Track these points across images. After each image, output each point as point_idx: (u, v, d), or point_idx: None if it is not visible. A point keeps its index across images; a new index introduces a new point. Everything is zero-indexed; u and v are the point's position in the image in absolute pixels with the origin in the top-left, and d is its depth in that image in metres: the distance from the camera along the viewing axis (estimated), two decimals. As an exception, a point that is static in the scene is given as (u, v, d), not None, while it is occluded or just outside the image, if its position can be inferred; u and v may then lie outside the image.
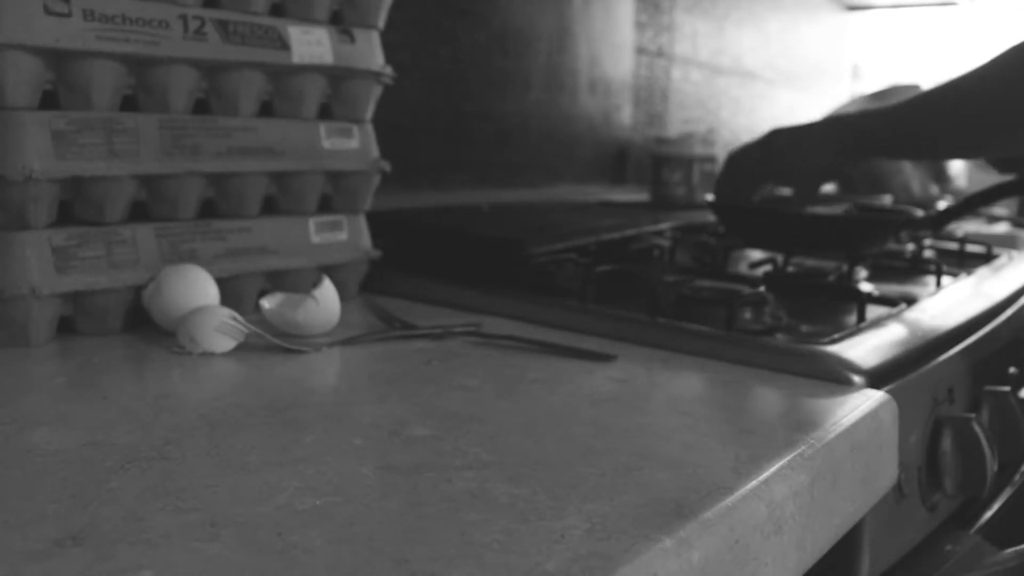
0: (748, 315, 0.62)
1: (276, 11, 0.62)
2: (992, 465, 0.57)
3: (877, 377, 0.51)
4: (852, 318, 0.64)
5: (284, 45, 0.61)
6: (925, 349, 0.58)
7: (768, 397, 0.47)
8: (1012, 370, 0.72)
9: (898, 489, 0.51)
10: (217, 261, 0.59)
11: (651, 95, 1.58)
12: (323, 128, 0.65)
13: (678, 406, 0.45)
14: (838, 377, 0.51)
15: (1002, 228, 1.35)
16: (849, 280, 0.78)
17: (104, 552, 0.28)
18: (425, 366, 0.51)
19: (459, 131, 1.15)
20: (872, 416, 0.46)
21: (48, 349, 0.52)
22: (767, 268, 0.83)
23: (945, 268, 0.83)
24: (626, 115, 1.50)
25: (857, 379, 0.50)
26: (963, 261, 0.97)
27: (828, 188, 1.79)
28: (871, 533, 0.49)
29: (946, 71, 0.87)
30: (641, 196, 1.45)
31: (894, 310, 0.67)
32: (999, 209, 1.46)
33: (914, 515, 0.55)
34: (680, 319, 0.60)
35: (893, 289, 0.77)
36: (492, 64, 1.19)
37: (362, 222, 0.69)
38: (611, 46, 1.44)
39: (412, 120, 1.07)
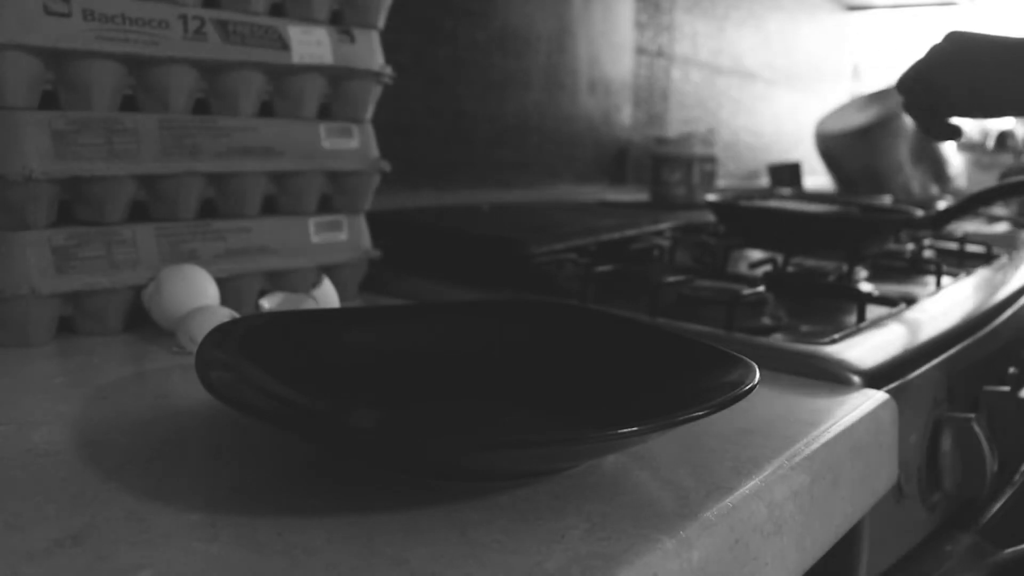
0: (748, 315, 0.62)
1: (276, 11, 0.62)
2: (992, 465, 0.57)
3: (877, 377, 0.51)
4: (852, 318, 0.64)
5: (284, 45, 0.61)
6: (925, 349, 0.58)
7: (768, 397, 0.47)
8: (1012, 370, 0.72)
9: (898, 489, 0.51)
10: (217, 261, 0.59)
11: (651, 95, 1.58)
12: (323, 128, 0.65)
13: (678, 406, 0.45)
14: (838, 377, 0.51)
15: (1002, 228, 1.35)
16: (849, 280, 0.78)
17: (104, 552, 0.28)
18: (425, 366, 0.51)
19: (459, 131, 1.15)
20: (872, 416, 0.46)
21: (48, 349, 0.52)
22: (767, 268, 0.83)
23: (945, 268, 0.83)
24: (626, 115, 1.50)
25: (857, 379, 0.50)
26: (963, 261, 0.97)
27: (826, 187, 1.79)
28: (871, 533, 0.49)
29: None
30: (641, 196, 1.45)
31: (894, 310, 0.67)
32: (999, 209, 1.46)
33: (914, 515, 0.55)
34: (680, 319, 0.60)
35: (893, 289, 0.77)
36: (492, 64, 1.19)
37: (362, 222, 0.69)
38: (611, 46, 1.44)
39: (412, 120, 1.07)
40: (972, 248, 1.02)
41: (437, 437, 0.32)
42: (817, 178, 1.95)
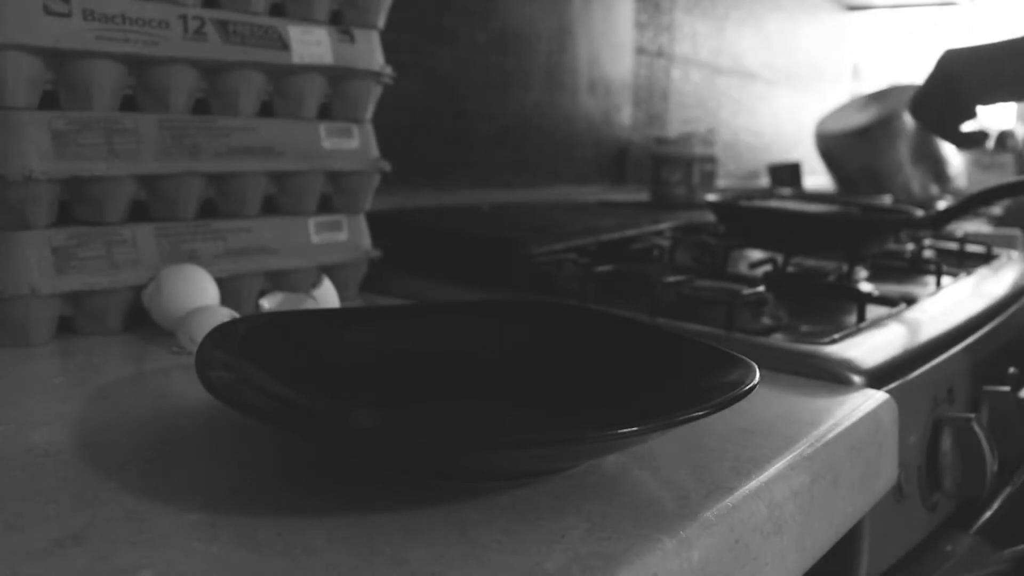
0: (748, 315, 0.62)
1: (276, 11, 0.62)
2: (992, 465, 0.57)
3: (877, 377, 0.51)
4: (852, 318, 0.64)
5: (284, 45, 0.61)
6: (925, 349, 0.58)
7: (768, 397, 0.47)
8: (1012, 370, 0.72)
9: (898, 489, 0.51)
10: (217, 261, 0.59)
11: (651, 95, 1.58)
12: (323, 128, 0.65)
13: (678, 406, 0.45)
14: (838, 377, 0.51)
15: (1002, 228, 1.35)
16: (849, 280, 0.78)
17: (104, 552, 0.28)
18: (425, 366, 0.51)
19: (459, 131, 1.15)
20: (872, 416, 0.46)
21: (48, 349, 0.52)
22: (767, 268, 0.83)
23: (945, 268, 0.83)
24: (626, 115, 1.50)
25: (857, 379, 0.50)
26: (963, 261, 0.97)
27: (826, 187, 1.79)
28: (871, 533, 0.49)
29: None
30: (641, 196, 1.45)
31: (894, 310, 0.67)
32: (999, 209, 1.46)
33: (914, 515, 0.55)
34: (680, 319, 0.60)
35: (893, 289, 0.77)
36: (492, 64, 1.19)
37: (362, 222, 0.69)
38: (611, 46, 1.44)
39: (412, 120, 1.07)
40: (972, 248, 1.02)
41: (437, 437, 0.32)
42: (817, 178, 1.95)
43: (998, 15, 2.26)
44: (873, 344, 0.56)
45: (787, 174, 1.77)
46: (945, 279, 0.81)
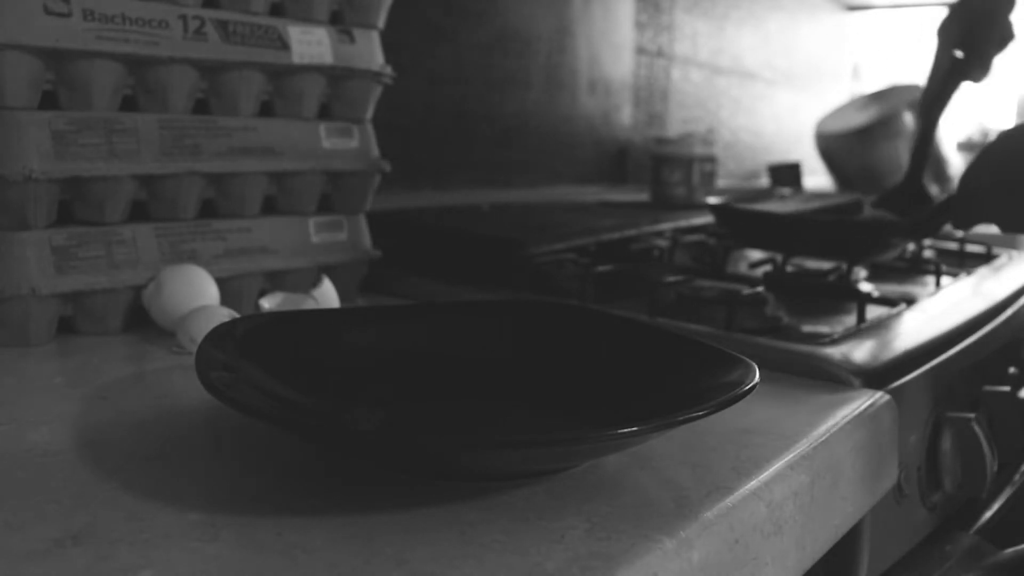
0: (748, 315, 0.62)
1: (276, 11, 0.62)
2: (992, 465, 0.57)
3: (877, 377, 0.51)
4: (852, 318, 0.64)
5: (284, 45, 0.61)
6: (925, 349, 0.58)
7: (768, 397, 0.47)
8: (1012, 370, 0.72)
9: (898, 489, 0.51)
10: (217, 261, 0.59)
11: (651, 95, 1.58)
12: (323, 128, 0.65)
13: (678, 406, 0.45)
14: (838, 377, 0.51)
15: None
16: (849, 280, 0.78)
17: (104, 552, 0.28)
18: (425, 366, 0.51)
19: (459, 131, 1.15)
20: (872, 416, 0.46)
21: (48, 349, 0.52)
22: (767, 268, 0.83)
23: (945, 268, 0.83)
24: (626, 115, 1.50)
25: (857, 379, 0.50)
26: (963, 261, 0.97)
27: (826, 187, 1.79)
28: (871, 533, 0.49)
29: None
30: (641, 196, 1.45)
31: (894, 310, 0.67)
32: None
33: (914, 515, 0.55)
34: (680, 319, 0.60)
35: (893, 289, 0.77)
36: (492, 64, 1.19)
37: (362, 222, 0.69)
38: (611, 46, 1.44)
39: (412, 120, 1.07)
40: (972, 248, 1.02)
41: (437, 437, 0.32)
42: (817, 178, 1.95)
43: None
44: (873, 344, 0.56)
45: (787, 174, 1.77)
46: (945, 279, 0.81)
